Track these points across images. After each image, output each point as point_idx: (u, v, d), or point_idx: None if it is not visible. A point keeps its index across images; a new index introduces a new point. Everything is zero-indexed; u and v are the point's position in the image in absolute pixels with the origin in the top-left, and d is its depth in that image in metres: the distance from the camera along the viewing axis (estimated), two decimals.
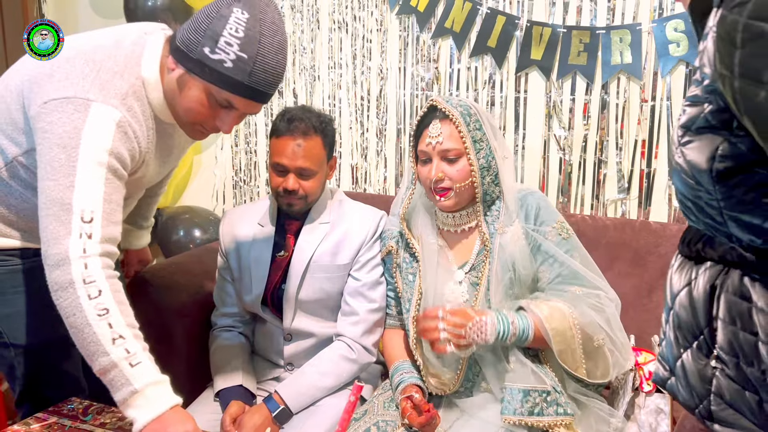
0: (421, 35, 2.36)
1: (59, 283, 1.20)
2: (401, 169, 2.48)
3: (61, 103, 1.24)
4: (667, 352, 0.99)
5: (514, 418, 1.41)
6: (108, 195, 1.24)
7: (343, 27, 2.48)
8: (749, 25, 0.70)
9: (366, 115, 2.50)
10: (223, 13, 1.24)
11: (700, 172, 0.83)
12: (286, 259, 1.78)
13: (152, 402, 1.19)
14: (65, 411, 1.43)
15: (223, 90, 1.27)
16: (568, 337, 1.44)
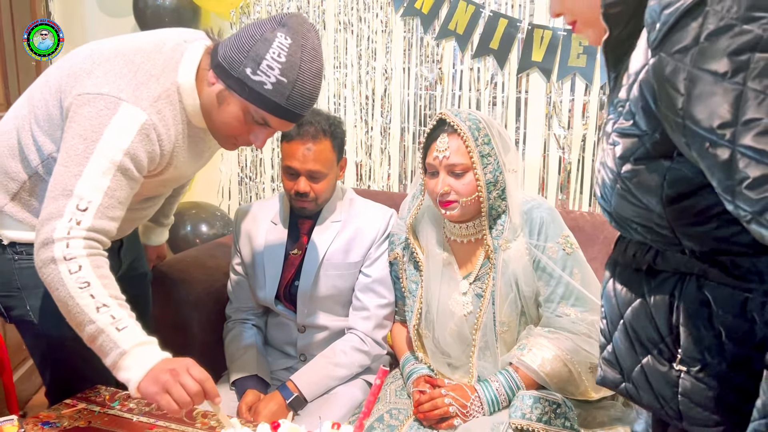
0: (425, 36, 2.43)
1: (43, 260, 1.26)
2: (404, 167, 2.55)
3: (94, 97, 1.31)
4: (620, 358, 1.03)
5: (522, 422, 1.47)
6: (111, 191, 1.30)
7: (348, 28, 2.55)
8: (693, 74, 0.75)
9: (371, 114, 2.57)
10: (267, 37, 1.29)
11: (649, 198, 0.88)
12: (300, 257, 1.85)
13: (141, 360, 1.23)
14: (92, 397, 1.50)
15: (260, 109, 1.33)
16: (564, 375, 1.52)
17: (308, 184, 1.77)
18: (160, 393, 1.20)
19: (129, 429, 1.38)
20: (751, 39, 0.73)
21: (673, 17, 0.78)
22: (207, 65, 1.39)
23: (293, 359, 1.92)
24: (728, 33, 0.74)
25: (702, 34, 0.76)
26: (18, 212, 1.48)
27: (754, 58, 0.72)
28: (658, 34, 0.79)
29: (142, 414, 1.43)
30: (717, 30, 0.75)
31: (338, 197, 1.90)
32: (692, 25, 0.76)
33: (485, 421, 1.53)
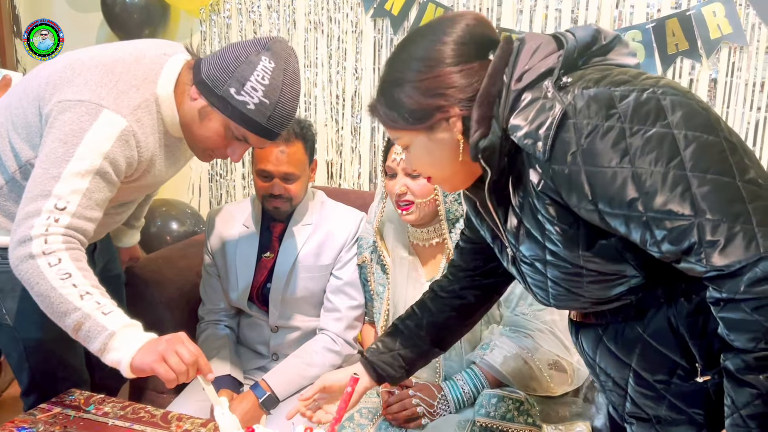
0: (395, 38, 2.46)
1: (20, 257, 1.28)
2: (375, 166, 2.59)
3: (75, 104, 1.34)
4: (641, 405, 1.08)
5: (486, 420, 1.54)
6: (89, 192, 1.33)
7: (318, 27, 2.57)
8: (589, 171, 0.92)
9: (341, 114, 2.60)
10: (251, 60, 1.34)
11: (619, 266, 1.01)
12: (272, 260, 1.89)
13: (130, 340, 1.26)
14: (67, 402, 1.52)
15: (241, 127, 1.38)
16: (526, 372, 1.59)
17: (282, 185, 1.81)
18: (158, 361, 1.23)
19: None
20: (618, 132, 0.91)
21: (551, 131, 0.94)
22: (188, 80, 1.42)
23: (266, 359, 1.96)
24: (598, 132, 0.92)
25: (581, 140, 0.92)
26: None
27: (629, 142, 0.90)
28: (544, 148, 0.95)
29: (117, 418, 1.46)
30: (590, 133, 0.92)
31: (309, 199, 1.95)
32: (568, 136, 0.93)
33: (451, 419, 1.59)
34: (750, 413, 0.89)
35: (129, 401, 1.54)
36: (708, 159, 0.88)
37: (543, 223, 1.02)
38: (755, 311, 0.85)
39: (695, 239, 0.87)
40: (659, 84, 0.95)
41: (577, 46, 1.00)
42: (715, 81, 2.11)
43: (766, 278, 0.84)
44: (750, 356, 0.87)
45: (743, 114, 2.10)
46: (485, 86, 1.01)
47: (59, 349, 1.61)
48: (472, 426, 1.55)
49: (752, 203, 0.86)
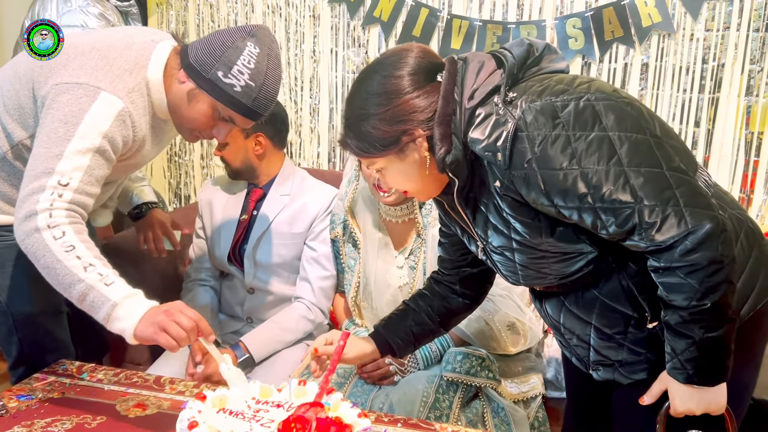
0: (352, 22, 2.57)
1: (26, 232, 1.35)
2: (333, 146, 2.71)
3: (72, 86, 1.41)
4: (605, 356, 1.26)
5: (453, 375, 1.70)
6: (90, 169, 1.40)
7: (276, 11, 2.65)
8: (544, 173, 1.09)
9: (300, 95, 2.70)
10: (238, 45, 1.43)
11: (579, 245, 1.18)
12: (246, 221, 2.07)
13: (132, 309, 1.33)
14: (60, 371, 1.59)
15: (228, 108, 1.48)
16: (487, 333, 1.77)
17: (218, 151, 2.06)
18: (158, 332, 1.32)
19: (102, 397, 1.48)
20: (564, 138, 1.08)
21: (507, 143, 1.10)
22: (175, 64, 1.50)
23: (241, 322, 2.09)
24: (548, 141, 1.08)
25: (534, 148, 1.09)
26: None
27: (574, 147, 1.08)
28: (504, 158, 1.11)
29: (111, 383, 1.54)
30: (541, 142, 1.09)
31: (290, 174, 2.12)
32: (523, 146, 1.09)
33: (420, 375, 1.75)
34: (687, 357, 1.11)
35: (121, 368, 1.63)
36: (639, 155, 1.07)
37: (507, 219, 1.20)
38: (688, 276, 1.06)
39: (636, 221, 1.06)
40: (591, 89, 1.13)
41: (516, 62, 1.16)
42: (646, 65, 2.32)
43: (694, 249, 1.04)
44: (686, 312, 1.08)
45: (671, 95, 2.32)
46: (441, 107, 1.15)
47: (47, 322, 1.68)
48: (439, 381, 1.71)
49: (678, 188, 1.06)
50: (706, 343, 1.08)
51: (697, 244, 1.04)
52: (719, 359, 1.11)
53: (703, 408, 1.14)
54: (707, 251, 1.04)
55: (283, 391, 1.30)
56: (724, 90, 2.27)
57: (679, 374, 1.13)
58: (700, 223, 1.04)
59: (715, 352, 1.10)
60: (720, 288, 1.06)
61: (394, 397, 1.69)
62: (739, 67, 2.23)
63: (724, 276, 1.06)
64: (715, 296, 1.06)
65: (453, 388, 1.71)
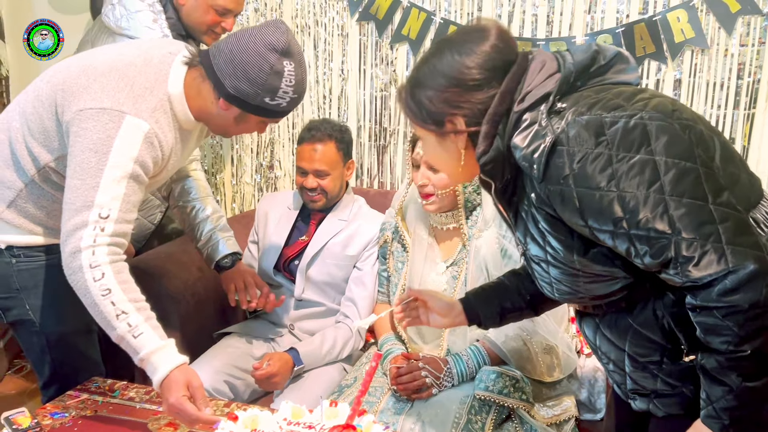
0: (380, 40, 2.58)
1: (71, 268, 1.40)
2: (361, 163, 2.71)
3: (97, 112, 1.42)
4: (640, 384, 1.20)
5: (486, 394, 1.68)
6: (127, 197, 1.43)
7: (305, 30, 2.67)
8: (580, 192, 1.05)
9: (328, 113, 2.71)
10: (277, 69, 1.44)
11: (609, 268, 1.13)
12: (306, 242, 2.13)
13: (156, 367, 1.39)
14: (92, 389, 1.60)
15: (277, 119, 1.58)
16: (524, 354, 1.74)
17: (315, 180, 2.06)
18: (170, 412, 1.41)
19: (135, 415, 1.50)
20: (606, 158, 1.03)
21: (543, 158, 1.06)
22: (197, 83, 1.51)
23: (283, 328, 2.14)
24: (588, 158, 1.04)
25: (573, 165, 1.05)
26: (14, 218, 1.57)
27: (615, 167, 1.03)
28: (538, 172, 1.07)
29: (143, 401, 1.55)
30: (581, 159, 1.04)
31: (350, 200, 2.18)
32: (561, 161, 1.06)
33: (453, 395, 1.73)
34: (723, 406, 1.04)
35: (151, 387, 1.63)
36: (684, 184, 1.01)
37: (543, 231, 1.16)
38: (726, 317, 0.98)
39: (672, 254, 1.00)
40: (648, 107, 1.07)
41: (575, 70, 1.11)
42: (679, 81, 2.28)
43: (734, 289, 0.97)
44: (723, 357, 1.02)
45: (704, 111, 2.28)
46: (494, 105, 1.12)
47: (80, 341, 1.70)
48: (472, 401, 1.69)
49: (722, 224, 0.99)
50: (745, 393, 1.01)
51: (737, 285, 0.97)
52: (758, 412, 1.03)
53: None
54: (749, 293, 0.96)
55: (315, 412, 1.29)
56: (760, 106, 2.22)
57: (714, 423, 1.05)
58: (742, 263, 0.97)
59: (754, 404, 1.02)
60: (762, 334, 0.98)
61: (426, 417, 1.67)
62: None
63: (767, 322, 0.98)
64: (755, 343, 0.98)
65: (486, 410, 1.68)
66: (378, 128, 2.66)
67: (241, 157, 2.89)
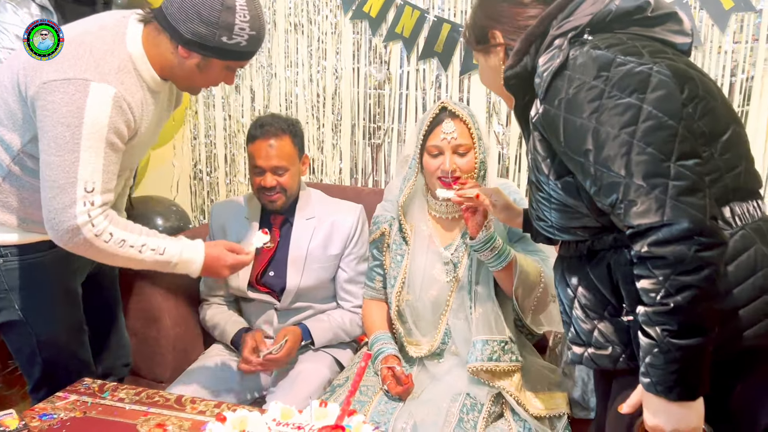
0: (373, 39, 2.57)
1: (74, 243, 1.46)
2: (356, 162, 2.70)
3: (62, 83, 1.42)
4: (579, 332, 1.26)
5: (476, 365, 1.70)
6: (106, 166, 1.46)
7: (299, 28, 2.66)
8: (566, 118, 1.10)
9: (322, 111, 2.70)
10: (228, 4, 1.44)
11: (577, 203, 1.17)
12: (272, 249, 2.02)
13: (192, 259, 1.59)
14: (82, 390, 1.59)
15: (241, 61, 1.55)
16: (531, 280, 1.73)
17: (274, 178, 1.93)
18: (216, 274, 1.65)
19: (124, 416, 1.49)
20: (598, 91, 1.07)
21: (549, 76, 1.12)
22: (156, 35, 1.51)
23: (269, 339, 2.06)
24: (583, 87, 1.08)
25: (569, 90, 1.10)
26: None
27: (603, 102, 1.06)
28: (541, 89, 1.14)
29: (133, 402, 1.55)
30: (577, 86, 1.09)
31: (307, 196, 2.08)
32: (560, 84, 1.11)
33: (444, 393, 1.72)
34: (650, 362, 1.06)
35: (142, 387, 1.63)
36: (655, 137, 1.03)
37: (535, 152, 1.21)
38: (654, 269, 1.02)
39: (620, 196, 1.04)
40: (664, 59, 1.09)
41: (614, 12, 1.15)
42: None
43: (665, 242, 1.00)
44: (650, 309, 1.04)
45: None
46: (534, 26, 1.18)
47: (71, 341, 1.70)
48: (464, 399, 1.68)
49: (674, 181, 1.01)
50: (670, 349, 1.02)
51: (669, 239, 0.99)
52: (685, 373, 1.03)
53: (672, 426, 1.07)
54: (677, 248, 0.99)
55: (304, 413, 1.29)
56: (754, 103, 2.22)
57: (643, 380, 1.07)
58: (677, 219, 0.99)
59: (680, 364, 1.03)
60: (686, 291, 1.00)
61: (417, 417, 1.67)
62: None
63: (692, 281, 1.00)
64: (678, 298, 1.00)
65: (478, 408, 1.68)
66: (372, 126, 2.65)
67: (234, 156, 2.88)
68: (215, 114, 2.86)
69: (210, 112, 2.87)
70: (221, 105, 2.84)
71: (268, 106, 2.76)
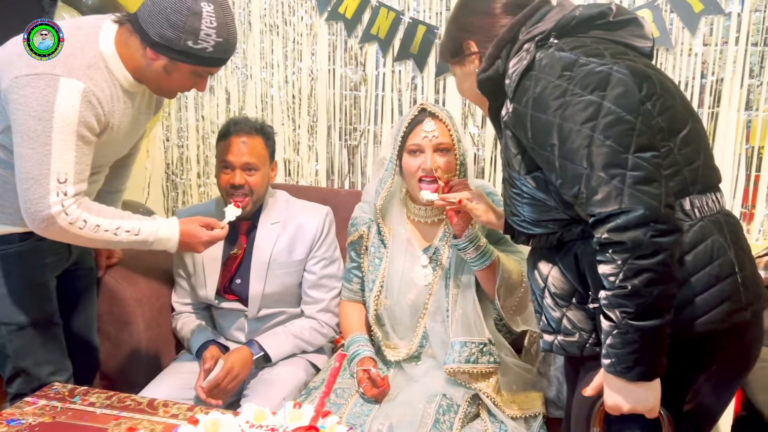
0: (349, 40, 2.57)
1: (50, 231, 1.51)
2: (332, 163, 2.69)
3: (32, 78, 1.45)
4: (549, 320, 1.31)
5: (454, 366, 1.70)
6: (78, 158, 1.50)
7: (274, 29, 2.65)
8: (533, 115, 1.16)
9: (298, 113, 2.69)
10: (195, 10, 1.48)
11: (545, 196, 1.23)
12: (239, 257, 1.98)
13: (168, 236, 1.64)
14: (51, 394, 1.56)
15: (207, 67, 1.58)
16: (514, 279, 1.73)
17: (243, 176, 1.89)
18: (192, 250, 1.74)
19: (94, 421, 1.46)
20: (562, 90, 1.13)
21: (517, 76, 1.19)
22: (129, 38, 1.55)
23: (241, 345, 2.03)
24: (548, 87, 1.14)
25: (535, 89, 1.16)
26: None
27: (567, 99, 1.12)
28: (511, 88, 1.21)
29: (104, 407, 1.52)
30: (542, 86, 1.15)
31: (274, 199, 2.04)
32: (527, 84, 1.18)
33: (420, 394, 1.72)
34: (610, 343, 1.11)
35: (113, 391, 1.60)
36: (614, 130, 1.09)
37: (507, 146, 1.27)
38: (614, 254, 1.07)
39: (581, 188, 1.10)
40: (624, 60, 1.15)
41: (577, 17, 1.22)
42: None
43: (623, 228, 1.06)
44: (610, 293, 1.10)
45: None
46: (504, 32, 1.25)
47: (40, 333, 1.71)
48: (440, 400, 1.68)
49: (632, 171, 1.07)
50: (629, 331, 1.08)
51: (626, 225, 1.05)
52: (642, 354, 1.09)
53: (630, 405, 1.13)
54: (634, 234, 1.05)
55: (278, 415, 1.27)
56: (724, 105, 2.25)
57: (604, 362, 1.13)
58: (634, 206, 1.05)
59: (638, 344, 1.08)
60: (642, 275, 1.06)
61: (393, 418, 1.66)
62: (738, 81, 2.22)
63: (649, 265, 1.05)
64: (635, 281, 1.06)
65: (454, 409, 1.68)
66: (348, 128, 2.65)
67: (207, 158, 2.85)
68: (188, 115, 2.83)
69: (182, 114, 2.84)
70: (194, 107, 2.81)
71: (244, 107, 2.74)
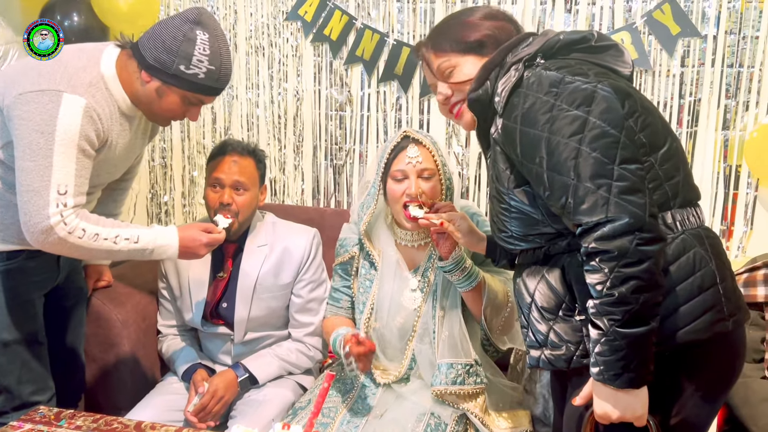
0: (334, 61, 2.60)
1: (49, 242, 1.53)
2: (318, 183, 2.71)
3: (36, 95, 1.50)
4: (536, 334, 1.32)
5: (441, 388, 1.70)
6: (78, 171, 1.54)
7: (260, 50, 2.67)
8: (522, 130, 1.21)
9: (284, 133, 2.71)
10: (189, 37, 1.55)
11: (532, 210, 1.27)
12: (225, 280, 1.97)
13: (168, 244, 1.65)
14: (37, 419, 1.54)
15: (197, 94, 1.62)
16: (500, 299, 1.74)
17: (232, 194, 1.88)
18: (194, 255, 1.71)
19: None
20: (549, 105, 1.18)
21: (506, 93, 1.25)
22: (128, 62, 1.62)
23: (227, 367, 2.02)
24: (536, 103, 1.20)
25: (523, 105, 1.21)
26: None
27: (553, 114, 1.17)
28: (500, 106, 1.26)
29: (91, 430, 1.50)
30: (530, 102, 1.21)
31: (262, 222, 2.03)
32: (516, 100, 1.23)
33: (409, 412, 1.72)
34: (598, 351, 1.15)
35: (100, 414, 1.58)
36: (600, 143, 1.14)
37: (496, 161, 1.31)
38: (601, 262, 1.11)
39: (569, 198, 1.14)
40: (607, 79, 1.20)
41: (561, 41, 1.29)
42: None
43: (610, 237, 1.10)
44: (598, 301, 1.13)
45: None
46: (494, 56, 1.31)
47: (24, 351, 1.71)
48: (428, 419, 1.69)
49: (617, 181, 1.12)
50: (616, 337, 1.11)
51: (612, 233, 1.10)
52: (630, 361, 1.12)
53: (619, 413, 1.16)
54: (620, 242, 1.09)
55: None
56: (702, 124, 2.31)
57: (593, 370, 1.16)
58: (620, 215, 1.10)
59: (625, 351, 1.12)
60: (629, 282, 1.09)
61: None
62: (715, 101, 2.28)
63: (635, 272, 1.09)
64: (622, 288, 1.10)
65: (442, 427, 1.68)
66: (334, 148, 2.67)
67: (193, 178, 2.85)
68: (172, 136, 2.84)
69: (167, 134, 2.84)
70: (179, 126, 2.82)
71: (229, 127, 2.76)
